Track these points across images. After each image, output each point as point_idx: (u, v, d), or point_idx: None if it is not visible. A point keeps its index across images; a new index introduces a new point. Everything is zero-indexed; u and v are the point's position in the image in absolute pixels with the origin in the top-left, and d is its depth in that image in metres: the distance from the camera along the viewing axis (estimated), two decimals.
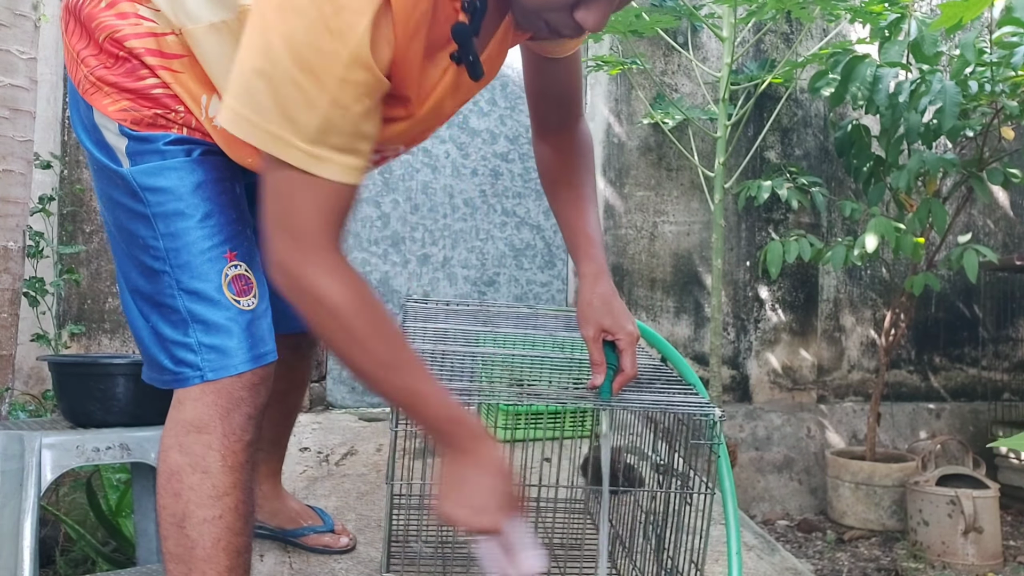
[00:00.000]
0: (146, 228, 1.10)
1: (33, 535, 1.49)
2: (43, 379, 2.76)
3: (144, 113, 1.08)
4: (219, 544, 1.08)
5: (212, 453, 1.08)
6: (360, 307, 0.93)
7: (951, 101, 2.59)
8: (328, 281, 0.92)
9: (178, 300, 1.09)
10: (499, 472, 0.99)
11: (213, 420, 1.08)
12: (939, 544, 2.78)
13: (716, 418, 1.14)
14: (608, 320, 1.18)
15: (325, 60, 0.83)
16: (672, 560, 1.24)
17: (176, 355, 1.10)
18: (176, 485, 1.08)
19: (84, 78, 1.10)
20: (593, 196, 1.30)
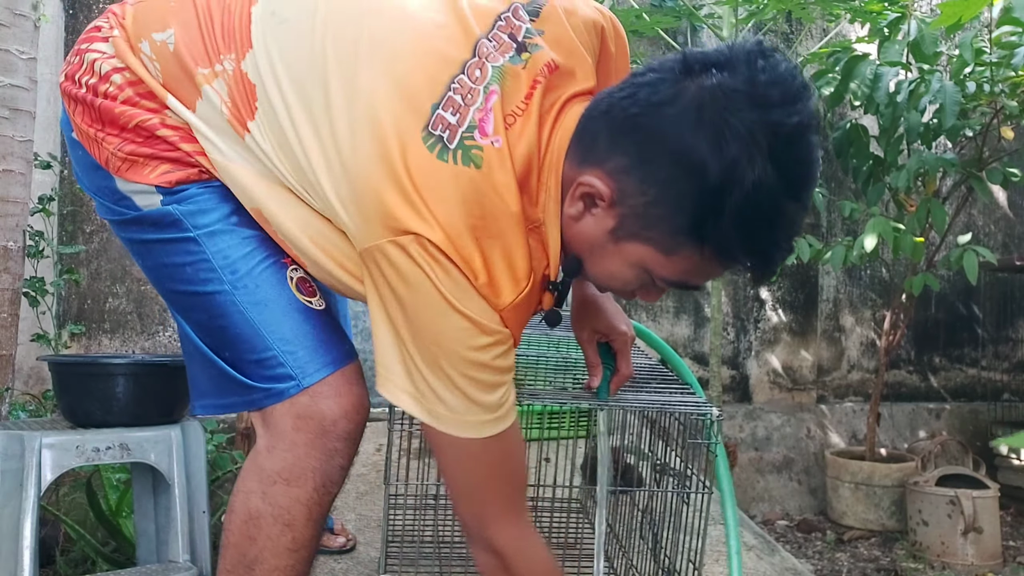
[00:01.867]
0: (193, 254, 1.04)
1: (33, 535, 1.49)
2: (43, 379, 2.76)
3: (189, 172, 1.04)
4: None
5: (299, 508, 1.04)
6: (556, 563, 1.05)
7: (951, 101, 2.59)
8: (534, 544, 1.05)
9: (246, 314, 1.04)
10: None
11: (306, 474, 1.03)
12: (939, 544, 2.78)
13: (714, 418, 1.15)
14: (601, 322, 1.18)
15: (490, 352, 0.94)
16: (670, 560, 1.24)
17: (261, 373, 1.03)
18: (253, 530, 1.04)
19: (112, 156, 1.04)
20: None
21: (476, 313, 0.91)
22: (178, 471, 1.62)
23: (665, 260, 0.92)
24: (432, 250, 0.88)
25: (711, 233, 0.87)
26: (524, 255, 0.94)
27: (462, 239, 0.89)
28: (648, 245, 0.91)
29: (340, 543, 1.71)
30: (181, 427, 1.67)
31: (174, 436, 1.64)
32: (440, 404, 0.94)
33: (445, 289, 0.89)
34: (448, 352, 0.92)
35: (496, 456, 0.98)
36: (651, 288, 0.99)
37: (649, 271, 0.94)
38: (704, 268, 0.93)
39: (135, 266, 2.99)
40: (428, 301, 0.90)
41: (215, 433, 2.19)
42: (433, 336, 0.92)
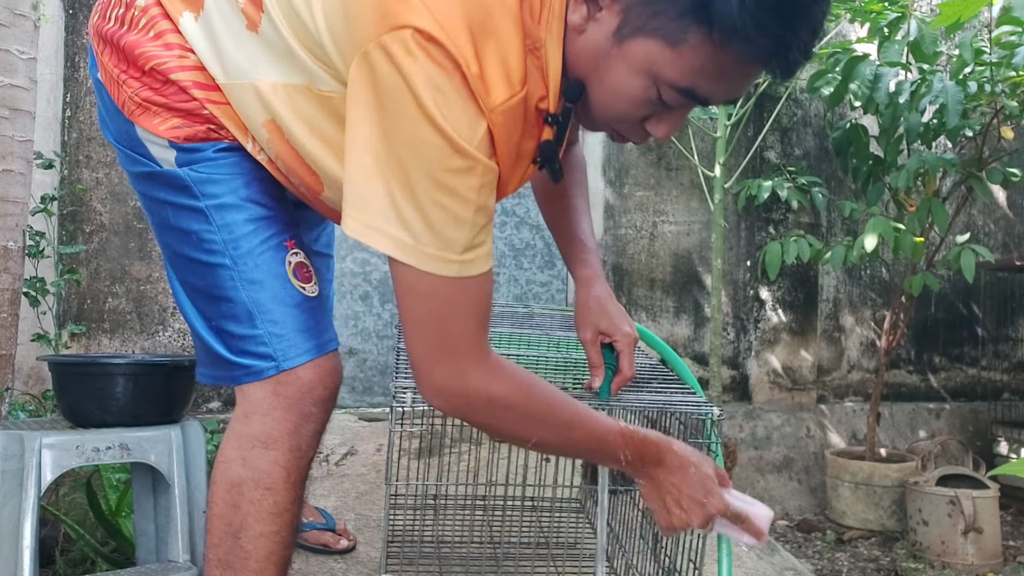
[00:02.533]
0: (200, 223, 1.07)
1: (33, 535, 1.49)
2: (43, 379, 2.76)
3: (197, 129, 1.06)
4: (271, 558, 1.08)
5: (278, 470, 1.07)
6: (530, 391, 0.98)
7: (953, 101, 2.59)
8: (498, 381, 0.96)
9: (241, 291, 1.07)
10: (693, 464, 1.03)
11: (282, 436, 1.07)
12: (939, 544, 2.78)
13: (715, 417, 1.15)
14: (604, 323, 1.18)
15: (461, 176, 0.88)
16: (670, 559, 1.24)
17: (246, 349, 1.07)
18: (236, 497, 1.07)
19: (128, 99, 1.07)
20: (585, 205, 1.30)
21: (457, 127, 0.86)
22: (178, 471, 1.62)
23: (673, 55, 0.87)
24: (423, 42, 0.84)
25: (721, 12, 0.82)
26: (519, 58, 0.90)
27: (457, 30, 0.85)
28: (654, 38, 0.86)
29: (344, 545, 1.71)
30: (181, 427, 1.67)
31: (174, 436, 1.64)
32: (405, 231, 0.89)
33: (426, 96, 0.84)
34: (419, 171, 0.87)
35: (462, 299, 0.93)
36: (661, 111, 0.93)
37: (657, 77, 0.89)
38: (716, 64, 0.87)
39: (135, 266, 2.99)
40: (405, 111, 0.85)
41: (215, 433, 2.19)
42: (407, 152, 0.87)
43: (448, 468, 1.99)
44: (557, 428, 1.00)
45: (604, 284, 1.23)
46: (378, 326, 3.25)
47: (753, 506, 1.07)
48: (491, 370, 0.96)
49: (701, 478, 1.03)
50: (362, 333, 3.24)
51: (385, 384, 3.20)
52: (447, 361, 0.94)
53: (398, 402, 1.08)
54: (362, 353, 3.23)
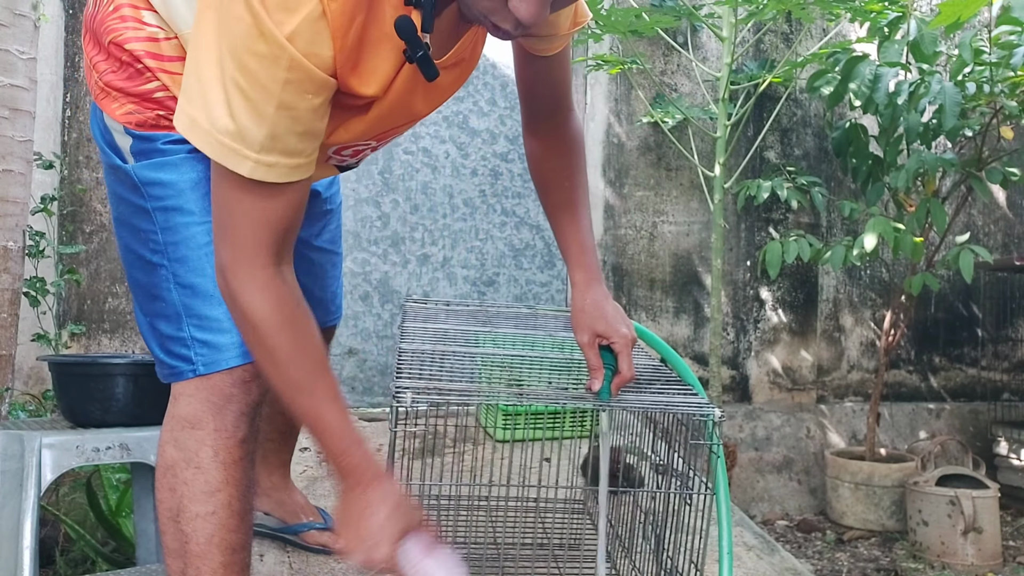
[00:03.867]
0: (147, 222, 1.11)
1: (33, 535, 1.49)
2: (43, 379, 2.76)
3: (147, 115, 1.10)
4: (212, 540, 1.08)
5: (205, 449, 1.09)
6: (281, 326, 0.96)
7: (951, 102, 2.59)
8: (256, 296, 0.95)
9: (173, 294, 1.11)
10: (394, 503, 0.99)
11: (205, 416, 1.09)
12: (939, 544, 2.78)
13: (715, 418, 1.15)
14: (601, 325, 1.18)
15: (264, 64, 0.84)
16: (672, 560, 1.24)
17: (171, 349, 1.11)
18: (171, 480, 1.09)
19: (95, 84, 1.13)
20: (585, 198, 1.29)
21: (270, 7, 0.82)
22: None
23: None
24: None
25: None
26: None
27: None
28: None
29: None
30: None
31: None
32: (203, 112, 0.87)
33: None
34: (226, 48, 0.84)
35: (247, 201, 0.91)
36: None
37: None
38: None
39: None
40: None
41: None
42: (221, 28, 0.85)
43: (449, 468, 1.99)
44: (288, 382, 0.98)
45: (601, 286, 1.22)
46: (378, 326, 3.25)
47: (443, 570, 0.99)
48: (262, 282, 0.95)
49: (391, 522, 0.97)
50: (362, 333, 3.24)
51: (385, 384, 3.20)
52: (226, 250, 0.95)
53: (398, 402, 1.08)
54: (362, 353, 3.23)
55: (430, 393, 1.12)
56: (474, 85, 3.36)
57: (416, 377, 1.19)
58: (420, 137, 3.31)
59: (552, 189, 1.28)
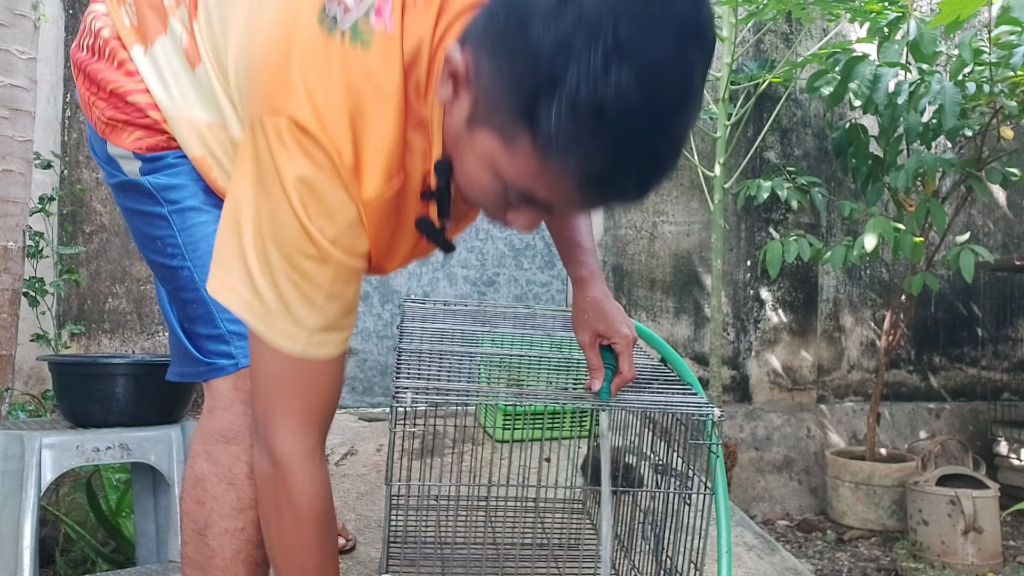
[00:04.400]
0: (164, 228, 1.11)
1: (33, 535, 1.49)
2: (43, 379, 2.76)
3: (158, 139, 1.10)
4: (239, 556, 1.08)
5: (239, 464, 1.07)
6: (322, 515, 0.99)
7: (951, 102, 2.59)
8: (311, 477, 0.97)
9: (202, 292, 1.09)
10: None
11: (242, 431, 1.08)
12: (939, 544, 2.78)
13: (715, 418, 1.15)
14: (602, 325, 1.18)
15: (314, 264, 0.91)
16: (671, 560, 1.24)
17: (209, 348, 1.10)
18: (200, 493, 1.08)
19: (97, 119, 1.13)
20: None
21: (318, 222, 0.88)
22: (178, 471, 1.62)
23: (509, 155, 0.82)
24: (297, 133, 0.86)
25: (543, 119, 0.76)
26: (398, 147, 0.91)
27: (335, 122, 0.86)
28: (492, 131, 0.82)
29: (342, 544, 1.71)
30: (181, 427, 1.67)
31: (174, 436, 1.64)
32: (257, 299, 0.92)
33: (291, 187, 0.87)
34: (277, 248, 0.90)
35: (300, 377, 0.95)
36: (514, 204, 0.89)
37: (499, 173, 0.85)
38: (548, 174, 0.80)
39: (135, 266, 2.99)
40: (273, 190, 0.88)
41: None
42: (269, 227, 0.89)
43: (449, 468, 1.99)
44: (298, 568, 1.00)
45: (602, 285, 1.22)
46: (378, 326, 3.25)
47: None
48: (314, 465, 0.98)
49: None
50: (362, 333, 3.24)
51: (385, 384, 3.20)
52: (277, 424, 0.96)
53: (398, 402, 1.08)
54: (362, 353, 3.23)
55: (430, 393, 1.12)
56: None
57: (416, 377, 1.19)
58: None
59: None
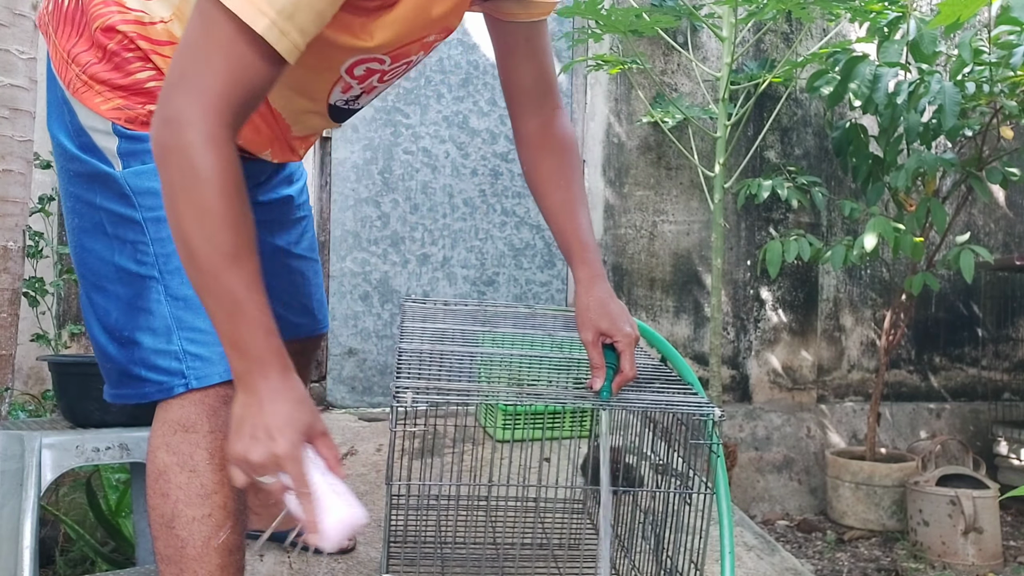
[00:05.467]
0: (135, 233, 1.08)
1: (33, 535, 1.49)
2: (43, 379, 2.76)
3: (138, 111, 1.07)
4: (209, 543, 1.07)
5: (199, 451, 1.07)
6: (229, 188, 0.89)
7: (951, 102, 2.59)
8: (212, 150, 0.88)
9: (164, 306, 1.08)
10: (302, 398, 0.92)
11: (200, 419, 1.07)
12: (939, 544, 2.78)
13: (716, 418, 1.15)
14: (605, 323, 1.18)
15: None
16: (672, 560, 1.24)
17: (157, 364, 1.07)
18: (164, 485, 1.07)
19: (75, 77, 1.09)
20: (582, 196, 1.29)
21: None
22: None
23: None
24: None
25: None
26: None
27: None
28: None
29: (343, 544, 1.71)
30: None
31: None
32: None
33: None
34: None
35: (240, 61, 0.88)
36: None
37: None
38: None
39: None
40: None
41: None
42: None
43: (448, 468, 1.99)
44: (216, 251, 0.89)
45: (605, 283, 1.22)
46: (378, 326, 3.25)
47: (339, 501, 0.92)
48: (218, 141, 0.88)
49: (288, 421, 0.90)
50: (362, 333, 3.24)
51: (385, 384, 3.20)
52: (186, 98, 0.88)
53: (398, 402, 1.08)
54: (362, 353, 3.23)
55: (430, 393, 1.12)
56: (474, 85, 3.36)
57: (416, 377, 1.19)
58: (420, 137, 3.31)
59: (549, 192, 1.28)
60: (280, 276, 1.44)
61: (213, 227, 0.89)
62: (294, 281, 1.46)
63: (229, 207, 0.89)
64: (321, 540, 0.92)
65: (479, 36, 3.36)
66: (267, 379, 0.91)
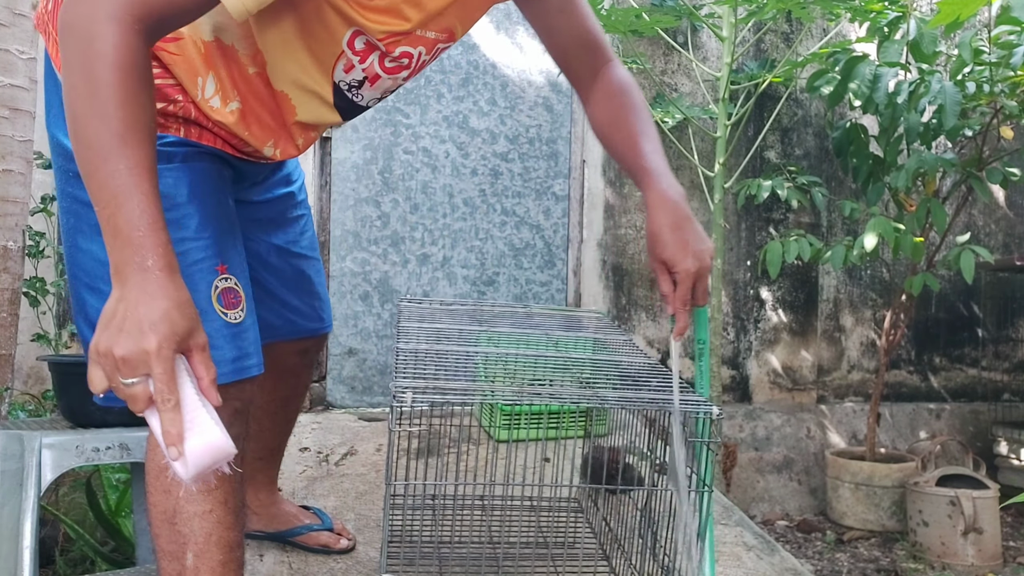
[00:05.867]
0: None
1: (33, 535, 1.49)
2: (43, 379, 2.76)
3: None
4: (211, 539, 1.07)
5: None
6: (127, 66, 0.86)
7: (951, 102, 2.59)
8: (114, 30, 0.86)
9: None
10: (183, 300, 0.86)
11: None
12: (939, 545, 2.78)
13: (713, 416, 1.15)
14: (667, 252, 1.16)
15: None
16: (669, 559, 1.24)
17: None
18: (165, 482, 1.07)
19: None
20: (647, 130, 1.25)
21: None
22: None
23: None
24: None
25: None
26: None
27: None
28: None
29: (344, 544, 1.71)
30: None
31: None
32: None
33: None
34: None
35: None
36: None
37: None
38: None
39: None
40: None
41: None
42: None
43: (448, 468, 1.99)
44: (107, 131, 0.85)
45: (673, 207, 1.17)
46: (378, 326, 3.25)
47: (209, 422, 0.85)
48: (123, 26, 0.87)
49: (170, 322, 0.84)
50: (362, 333, 3.24)
51: (385, 384, 3.20)
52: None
53: (398, 402, 1.08)
54: (362, 353, 3.23)
55: (429, 393, 1.12)
56: (474, 85, 3.36)
57: (415, 377, 1.19)
58: (420, 137, 3.31)
59: (613, 137, 1.27)
60: (282, 275, 1.44)
61: (104, 103, 0.85)
62: (296, 280, 1.46)
63: (123, 85, 0.86)
64: (183, 465, 0.84)
65: (479, 36, 3.36)
66: (146, 272, 0.85)
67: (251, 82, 1.13)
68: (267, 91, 1.15)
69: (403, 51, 1.13)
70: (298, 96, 1.16)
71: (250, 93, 1.14)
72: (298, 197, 1.46)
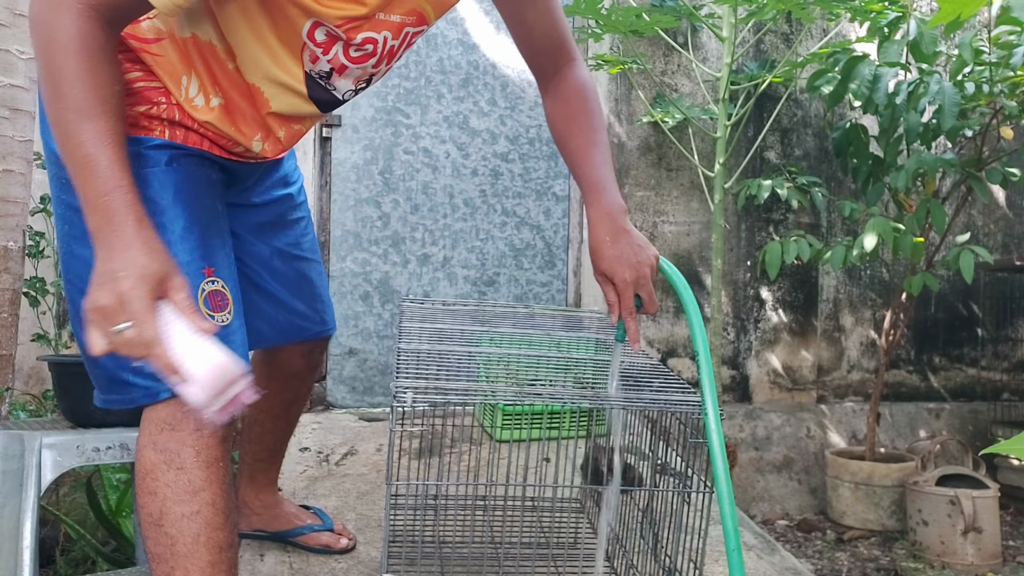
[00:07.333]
0: None
1: (33, 535, 1.49)
2: (43, 379, 2.76)
3: (128, 112, 1.07)
4: (199, 540, 1.07)
5: (186, 449, 1.06)
6: (81, 48, 0.93)
7: (950, 102, 2.59)
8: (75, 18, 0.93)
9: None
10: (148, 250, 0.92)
11: (186, 416, 1.07)
12: (938, 544, 2.78)
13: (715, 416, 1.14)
14: (604, 265, 1.20)
15: None
16: (671, 559, 1.24)
17: (144, 369, 1.06)
18: (152, 483, 1.07)
19: None
20: (598, 139, 1.28)
21: None
22: None
23: None
24: None
25: None
26: None
27: None
28: None
29: (344, 544, 1.71)
30: None
31: None
32: None
33: None
34: None
35: None
36: None
37: None
38: None
39: None
40: None
41: None
42: None
43: (448, 468, 1.99)
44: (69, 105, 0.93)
45: (610, 222, 1.21)
46: (378, 326, 3.25)
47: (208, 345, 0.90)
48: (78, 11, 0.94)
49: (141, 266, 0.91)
50: (362, 333, 3.24)
51: (385, 384, 3.20)
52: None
53: (398, 402, 1.08)
54: (362, 353, 3.23)
55: (430, 393, 1.12)
56: (474, 85, 3.36)
57: (416, 377, 1.19)
58: (420, 137, 3.31)
59: (565, 141, 1.30)
60: (285, 279, 1.44)
61: (66, 84, 0.93)
62: (299, 284, 1.46)
63: (79, 65, 0.93)
64: (196, 391, 0.89)
65: (479, 36, 3.36)
66: (119, 231, 0.93)
67: (231, 77, 1.13)
68: (245, 85, 1.15)
69: (365, 37, 1.11)
70: (269, 89, 1.15)
71: (232, 88, 1.14)
72: (297, 199, 1.46)
